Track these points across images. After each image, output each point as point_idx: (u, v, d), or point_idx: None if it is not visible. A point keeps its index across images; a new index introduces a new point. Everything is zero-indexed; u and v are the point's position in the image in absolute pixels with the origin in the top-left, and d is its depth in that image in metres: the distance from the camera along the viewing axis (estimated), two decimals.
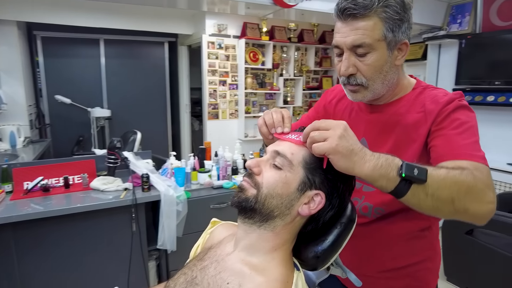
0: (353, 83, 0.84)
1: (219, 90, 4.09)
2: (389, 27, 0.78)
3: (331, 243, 0.70)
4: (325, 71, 5.06)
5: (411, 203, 0.65)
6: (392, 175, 0.62)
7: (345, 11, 0.78)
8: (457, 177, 0.64)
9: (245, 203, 0.69)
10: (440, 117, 0.79)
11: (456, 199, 0.63)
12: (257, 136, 4.39)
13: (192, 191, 2.15)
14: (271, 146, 0.75)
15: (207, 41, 3.87)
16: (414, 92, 0.88)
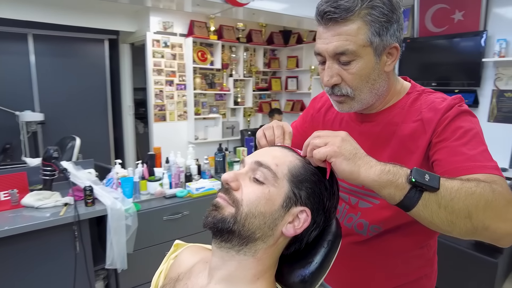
0: (338, 93, 0.76)
1: (166, 91, 3.89)
2: (375, 30, 0.70)
3: (319, 264, 0.63)
4: (274, 72, 5.09)
5: (422, 216, 0.57)
6: (400, 181, 0.56)
7: (326, 15, 0.70)
8: (473, 189, 0.55)
9: (221, 224, 0.59)
10: (440, 126, 0.71)
11: (473, 213, 0.55)
12: (208, 139, 4.27)
13: (142, 203, 1.98)
14: (250, 156, 0.66)
15: (151, 39, 3.65)
16: (408, 98, 0.80)
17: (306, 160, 0.64)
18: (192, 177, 2.30)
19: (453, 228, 0.57)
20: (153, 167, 2.25)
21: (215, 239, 0.63)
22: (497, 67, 2.96)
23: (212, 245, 0.65)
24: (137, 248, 1.87)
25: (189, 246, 0.83)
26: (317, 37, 0.75)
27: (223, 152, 2.43)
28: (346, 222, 0.86)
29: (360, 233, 0.84)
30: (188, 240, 2.11)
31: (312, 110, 1.00)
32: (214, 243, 0.63)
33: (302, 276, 0.63)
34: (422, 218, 0.58)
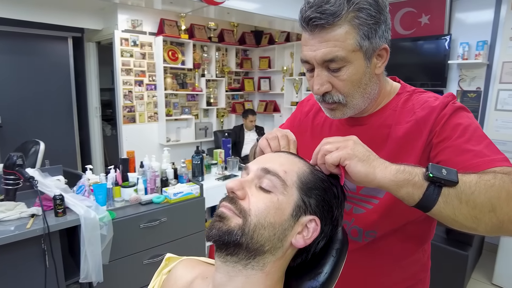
0: (329, 101, 0.72)
1: (135, 91, 3.74)
2: (364, 34, 0.66)
3: (328, 275, 0.61)
4: (246, 73, 5.06)
5: (444, 214, 0.55)
6: (418, 179, 0.54)
7: (311, 21, 0.65)
8: (492, 182, 0.54)
9: (228, 236, 0.55)
10: (438, 126, 0.69)
11: (497, 206, 0.53)
12: (180, 140, 4.16)
13: (117, 210, 1.88)
14: (255, 163, 0.62)
15: (119, 38, 3.49)
16: (399, 98, 0.78)
17: (314, 167, 0.62)
18: (168, 181, 2.21)
19: (478, 224, 0.55)
20: (127, 172, 2.15)
21: (219, 253, 0.58)
22: (460, 68, 3.11)
23: (216, 259, 0.60)
24: (114, 259, 1.77)
25: (183, 260, 0.78)
26: (302, 43, 0.71)
27: (200, 154, 2.36)
28: None
29: (356, 240, 0.82)
30: (168, 247, 2.03)
31: (300, 114, 0.97)
32: (218, 257, 0.59)
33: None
34: (444, 217, 0.56)
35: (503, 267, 2.49)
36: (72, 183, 1.97)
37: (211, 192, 2.28)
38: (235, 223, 0.56)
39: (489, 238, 2.98)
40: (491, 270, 2.58)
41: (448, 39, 3.05)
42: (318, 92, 0.71)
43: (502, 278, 2.51)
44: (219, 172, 2.57)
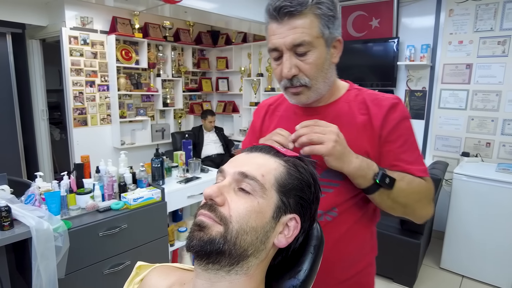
0: (297, 84, 0.81)
1: (87, 92, 3.54)
2: (325, 23, 0.77)
3: (308, 271, 0.62)
4: (204, 73, 5.00)
5: (375, 200, 0.80)
6: (369, 177, 0.76)
7: (282, 9, 0.75)
8: (414, 189, 0.81)
9: (210, 245, 0.53)
10: (387, 128, 0.83)
11: (408, 205, 0.82)
12: (136, 143, 4.00)
13: (73, 219, 1.76)
14: (230, 166, 0.61)
15: (68, 35, 3.28)
16: (349, 93, 0.89)
17: (288, 164, 0.62)
18: (127, 186, 2.11)
19: (391, 210, 0.83)
20: (82, 178, 2.02)
21: (199, 261, 0.56)
22: (408, 69, 3.33)
23: (196, 267, 0.58)
24: (71, 271, 1.65)
25: (156, 267, 0.75)
26: (270, 34, 0.80)
27: (160, 157, 2.28)
28: None
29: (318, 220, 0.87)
30: (130, 255, 1.95)
31: (259, 120, 1.04)
32: (199, 266, 0.57)
33: (293, 286, 0.61)
34: (373, 200, 0.81)
35: (449, 252, 2.71)
36: (19, 193, 1.81)
37: (173, 196, 2.22)
38: (216, 231, 0.54)
39: (437, 226, 3.23)
40: (439, 256, 2.80)
41: (396, 42, 3.25)
42: (287, 75, 0.80)
43: (449, 262, 2.73)
44: (180, 175, 2.50)
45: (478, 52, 2.96)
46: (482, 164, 2.90)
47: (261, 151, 0.64)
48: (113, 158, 2.25)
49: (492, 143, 2.98)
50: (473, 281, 2.61)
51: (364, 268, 0.92)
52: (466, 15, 2.98)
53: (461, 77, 3.07)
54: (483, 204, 2.51)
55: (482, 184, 2.51)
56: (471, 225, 2.58)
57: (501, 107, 2.90)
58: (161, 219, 2.10)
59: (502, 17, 2.82)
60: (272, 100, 1.04)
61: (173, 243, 2.37)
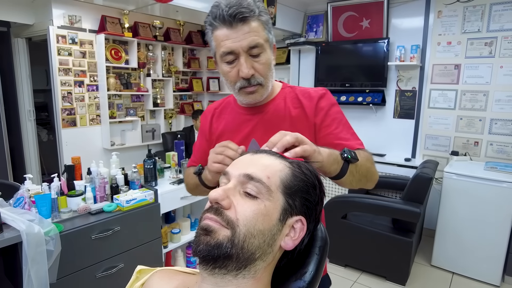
0: (254, 83, 0.89)
1: (76, 92, 3.47)
2: (268, 29, 0.88)
3: (314, 273, 0.62)
4: (194, 73, 4.96)
5: (347, 180, 0.82)
6: (338, 158, 0.79)
7: (237, 15, 0.82)
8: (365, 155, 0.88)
9: (217, 250, 0.52)
10: (319, 115, 0.95)
11: (368, 172, 0.88)
12: (126, 144, 3.94)
13: (64, 222, 1.72)
14: (235, 168, 0.60)
15: (55, 34, 3.20)
16: (284, 91, 1.00)
17: (293, 165, 0.62)
18: (119, 188, 2.08)
19: (358, 183, 0.87)
20: (73, 180, 1.99)
21: (205, 266, 0.55)
22: (398, 70, 3.38)
23: (201, 271, 0.57)
24: (62, 275, 1.62)
25: (157, 271, 0.73)
26: (221, 39, 0.85)
27: (153, 158, 2.26)
28: None
29: None
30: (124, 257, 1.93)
31: (207, 124, 1.11)
32: (204, 270, 0.56)
33: (299, 287, 0.61)
34: (346, 181, 0.83)
35: (440, 250, 2.76)
36: (7, 196, 1.76)
37: (166, 197, 2.20)
38: (223, 236, 0.53)
39: (428, 224, 3.28)
40: (430, 253, 2.84)
41: (387, 42, 3.29)
42: (247, 74, 0.86)
43: (440, 260, 2.77)
44: (173, 176, 2.48)
45: (466, 53, 3.02)
46: (470, 162, 2.95)
47: (265, 152, 0.64)
48: (103, 159, 2.21)
49: (480, 142, 3.04)
50: (463, 278, 2.66)
51: None
52: (454, 16, 3.04)
53: (450, 77, 3.12)
54: (472, 202, 2.56)
55: (471, 182, 2.56)
56: (461, 223, 2.62)
57: (488, 106, 2.97)
58: (155, 220, 2.07)
59: (489, 19, 2.88)
60: (217, 104, 1.13)
61: (167, 244, 2.35)
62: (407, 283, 2.56)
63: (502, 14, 2.81)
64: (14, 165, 3.86)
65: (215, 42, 0.88)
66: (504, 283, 2.59)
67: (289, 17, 3.62)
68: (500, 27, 2.83)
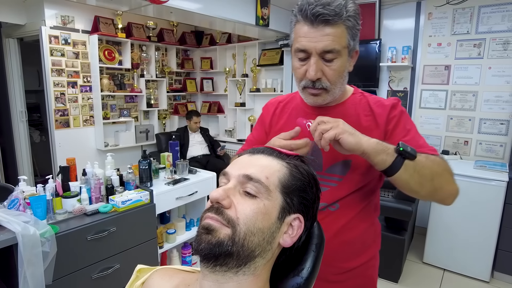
0: (319, 87, 0.86)
1: (69, 93, 3.45)
2: (352, 35, 0.83)
3: (311, 269, 0.64)
4: (188, 73, 4.96)
5: (403, 178, 0.76)
6: (390, 151, 0.75)
7: (320, 16, 0.79)
8: (434, 161, 0.80)
9: (218, 248, 0.54)
10: (391, 123, 0.90)
11: (435, 177, 0.78)
12: (120, 145, 3.94)
13: (59, 223, 1.72)
14: (234, 168, 0.62)
15: (48, 35, 3.19)
16: (355, 97, 0.96)
17: (290, 165, 0.64)
18: (114, 189, 2.09)
19: (421, 188, 0.78)
20: (68, 181, 1.98)
21: (206, 264, 0.57)
22: (390, 70, 3.42)
23: (202, 269, 0.59)
24: (58, 277, 1.62)
25: (158, 270, 0.75)
26: (300, 35, 0.83)
27: (148, 159, 2.26)
28: None
29: (321, 210, 0.94)
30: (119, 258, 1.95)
31: (268, 117, 1.08)
32: (205, 268, 0.57)
33: (297, 284, 0.63)
34: (402, 180, 0.77)
35: (431, 247, 2.81)
36: (1, 198, 1.76)
37: (161, 197, 2.20)
38: (224, 234, 0.55)
39: (419, 222, 3.33)
40: (422, 251, 2.89)
41: (378, 43, 3.33)
42: (313, 77, 0.84)
43: (431, 257, 2.82)
44: (168, 176, 2.48)
45: (456, 54, 3.08)
46: (461, 161, 3.01)
47: (263, 152, 0.66)
48: (97, 160, 2.21)
49: (469, 141, 3.10)
50: (454, 274, 2.72)
51: (368, 260, 0.97)
52: (444, 18, 3.09)
53: (440, 78, 3.18)
54: (462, 200, 2.60)
55: (461, 181, 2.61)
56: (451, 221, 2.68)
57: (477, 107, 3.03)
58: (150, 221, 2.08)
59: (478, 21, 2.94)
60: (282, 98, 1.10)
61: (162, 245, 2.36)
62: (400, 281, 2.61)
63: (490, 16, 2.87)
64: (6, 166, 3.83)
65: (294, 35, 0.86)
66: (493, 279, 2.65)
67: (283, 18, 3.64)
68: (488, 29, 2.89)
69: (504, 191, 2.47)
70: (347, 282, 0.95)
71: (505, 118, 2.91)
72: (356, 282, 0.96)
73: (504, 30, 2.83)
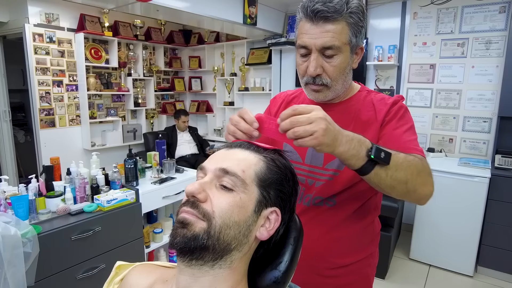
0: (319, 83, 0.86)
1: (54, 92, 3.40)
2: (354, 32, 0.82)
3: (288, 263, 0.64)
4: (176, 72, 4.93)
5: (372, 181, 0.74)
6: (362, 154, 0.70)
7: (319, 13, 0.79)
8: (411, 163, 0.75)
9: (194, 242, 0.54)
10: (389, 116, 0.89)
11: (409, 180, 0.75)
12: (107, 144, 3.89)
13: (43, 223, 1.69)
14: (211, 162, 0.62)
15: (32, 33, 3.13)
16: (361, 94, 0.96)
17: (267, 159, 0.64)
18: (100, 188, 2.06)
19: (392, 190, 0.76)
20: (52, 181, 1.95)
21: (182, 258, 0.57)
22: (376, 69, 3.46)
23: (179, 263, 0.59)
24: (41, 278, 1.59)
25: (136, 266, 0.74)
26: (301, 31, 0.84)
27: (134, 158, 2.24)
28: (304, 202, 0.95)
29: (317, 205, 0.94)
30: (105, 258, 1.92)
31: (275, 108, 1.09)
32: (182, 262, 0.57)
33: (275, 277, 0.63)
34: (371, 182, 0.75)
35: (417, 243, 2.85)
36: None
37: (147, 197, 2.19)
38: (199, 228, 0.55)
39: (406, 219, 3.38)
40: (408, 247, 2.93)
41: (365, 42, 3.36)
42: (313, 73, 0.84)
43: (417, 253, 2.86)
44: (154, 175, 2.47)
45: (440, 53, 3.13)
46: (446, 159, 3.06)
47: (240, 146, 0.66)
48: (84, 160, 2.19)
49: (454, 139, 3.15)
50: (440, 269, 2.76)
51: (364, 258, 0.97)
52: (429, 18, 3.14)
53: (426, 77, 3.22)
54: (447, 196, 2.66)
55: (446, 177, 2.65)
56: (437, 217, 2.72)
57: (461, 105, 3.08)
58: (136, 220, 2.06)
59: (461, 21, 2.99)
60: (291, 92, 1.11)
61: (149, 244, 2.34)
62: (387, 277, 2.64)
63: (473, 16, 2.93)
64: None
65: (297, 32, 0.87)
66: (477, 273, 2.71)
67: (270, 17, 3.65)
68: (471, 28, 2.95)
69: (486, 187, 2.52)
70: (342, 278, 0.96)
71: (488, 116, 2.97)
72: (351, 279, 0.97)
73: (486, 30, 2.88)
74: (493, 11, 2.84)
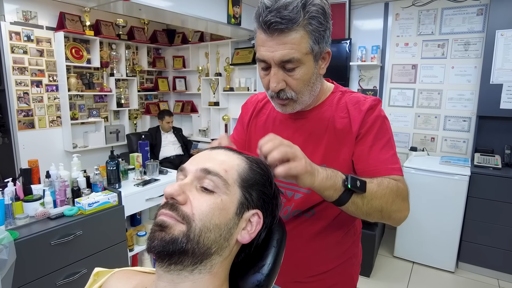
0: (283, 97, 0.80)
1: (33, 93, 3.30)
2: (315, 39, 0.74)
3: (271, 266, 0.63)
4: (160, 72, 4.87)
5: (349, 210, 0.73)
6: (338, 185, 0.69)
7: (272, 25, 0.71)
8: (385, 190, 0.75)
9: (172, 245, 0.52)
10: (364, 128, 0.83)
11: (384, 208, 0.75)
12: (89, 146, 3.81)
13: (20, 229, 1.64)
14: (192, 163, 0.60)
15: (8, 31, 3.03)
16: (334, 96, 0.89)
17: (250, 160, 0.63)
18: (81, 191, 2.01)
19: (368, 217, 0.76)
20: (30, 184, 1.89)
21: (161, 263, 0.55)
22: (360, 69, 3.50)
23: (157, 269, 0.57)
24: (19, 285, 1.54)
25: (115, 273, 0.72)
26: (259, 44, 0.76)
27: (116, 159, 2.20)
28: (282, 214, 0.91)
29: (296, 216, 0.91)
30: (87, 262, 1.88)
31: (246, 116, 1.04)
32: (160, 267, 0.56)
33: (258, 281, 0.62)
34: (348, 211, 0.74)
35: (401, 241, 2.90)
36: None
37: (130, 199, 2.15)
38: (178, 231, 0.53)
39: None
40: (392, 245, 2.97)
41: (349, 43, 3.39)
42: (275, 89, 0.78)
43: (401, 251, 2.91)
44: (137, 177, 2.43)
45: (422, 54, 3.19)
46: (428, 157, 3.12)
47: (223, 149, 0.65)
48: (65, 162, 2.14)
49: (436, 138, 3.22)
50: (422, 266, 2.82)
51: (346, 260, 0.96)
52: (411, 19, 3.20)
53: (408, 77, 3.28)
54: (429, 194, 2.71)
55: (428, 176, 2.71)
56: (420, 215, 2.77)
57: (442, 104, 3.15)
58: (119, 223, 2.02)
59: (441, 23, 3.06)
60: (262, 96, 1.03)
61: (133, 248, 2.30)
62: (371, 275, 2.67)
63: (452, 18, 2.99)
64: None
65: (255, 43, 0.78)
66: (458, 269, 2.77)
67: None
68: (451, 30, 3.01)
69: (466, 185, 2.58)
70: (324, 280, 0.95)
71: (467, 116, 3.04)
72: (334, 280, 0.96)
73: (465, 31, 2.96)
74: (471, 13, 2.91)
